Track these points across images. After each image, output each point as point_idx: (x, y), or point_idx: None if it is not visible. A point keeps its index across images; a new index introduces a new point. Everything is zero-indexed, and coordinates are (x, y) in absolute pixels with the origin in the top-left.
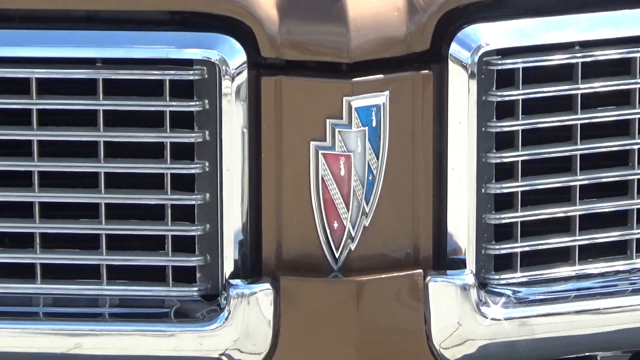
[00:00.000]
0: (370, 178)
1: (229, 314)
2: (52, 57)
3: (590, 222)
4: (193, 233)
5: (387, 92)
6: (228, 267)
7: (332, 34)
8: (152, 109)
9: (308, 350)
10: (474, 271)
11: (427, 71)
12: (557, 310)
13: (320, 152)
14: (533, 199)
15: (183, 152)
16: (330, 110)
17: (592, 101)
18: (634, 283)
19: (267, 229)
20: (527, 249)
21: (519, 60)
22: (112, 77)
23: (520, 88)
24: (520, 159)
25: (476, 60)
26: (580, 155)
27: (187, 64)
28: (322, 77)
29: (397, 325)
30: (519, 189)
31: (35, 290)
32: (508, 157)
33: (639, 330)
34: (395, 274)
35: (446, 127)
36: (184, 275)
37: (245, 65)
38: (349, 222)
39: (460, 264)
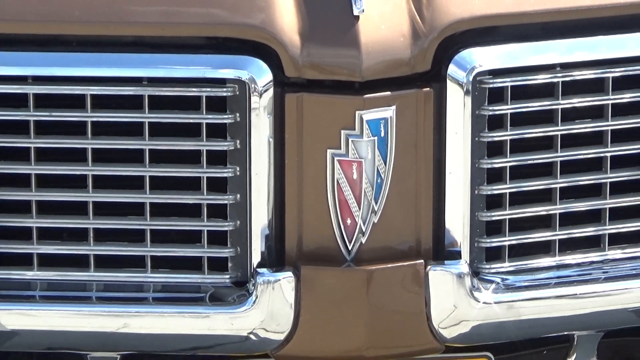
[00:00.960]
0: (378, 181)
1: (257, 298)
2: (104, 76)
3: (569, 219)
4: (226, 228)
5: (393, 107)
6: (256, 258)
7: (346, 57)
8: (191, 121)
9: (324, 329)
10: (468, 261)
11: (428, 89)
12: (539, 295)
13: (335, 158)
14: (519, 199)
15: (216, 158)
16: (344, 122)
17: (571, 115)
18: (606, 272)
19: (290, 225)
20: (514, 242)
21: (508, 79)
22: (156, 94)
23: (509, 103)
24: (508, 164)
25: (471, 79)
26: (560, 161)
27: (221, 82)
28: (337, 93)
29: (401, 308)
30: (507, 191)
31: (89, 278)
32: (498, 163)
33: (610, 312)
34: (400, 264)
35: (444, 137)
36: (218, 265)
37: (271, 83)
38: (360, 219)
39: (456, 255)
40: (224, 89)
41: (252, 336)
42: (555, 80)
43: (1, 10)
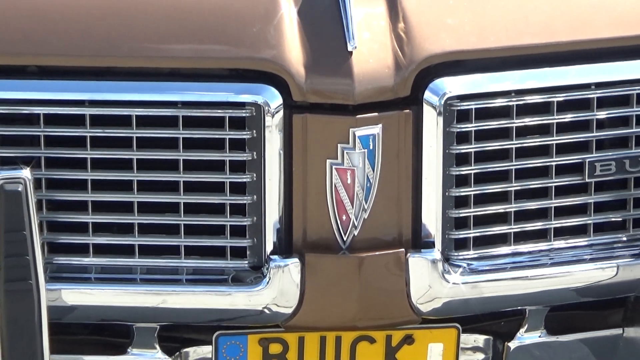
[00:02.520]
0: (368, 185)
1: (270, 279)
2: (146, 100)
3: (522, 215)
4: (245, 223)
5: (380, 125)
6: (269, 247)
7: (342, 85)
8: (217, 136)
9: (324, 304)
10: (440, 250)
11: (408, 110)
12: (498, 277)
13: (333, 167)
14: (482, 199)
15: (236, 167)
16: (340, 138)
17: (523, 131)
18: (552, 259)
19: (296, 220)
20: (477, 234)
21: (472, 103)
22: (188, 115)
23: (473, 122)
24: (472, 171)
25: (442, 103)
26: (515, 169)
27: (240, 105)
28: (335, 114)
29: (386, 288)
30: (472, 193)
31: (134, 263)
32: (464, 170)
33: (555, 291)
34: (385, 252)
35: (421, 149)
36: (238, 253)
37: (281, 106)
38: (353, 215)
39: (431, 245)
40: (244, 111)
41: (266, 310)
42: (510, 103)
43: (64, 46)
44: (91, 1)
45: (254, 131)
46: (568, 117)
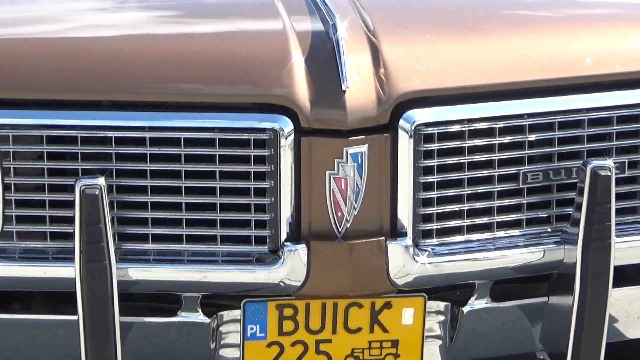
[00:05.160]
0: (357, 190)
1: (284, 260)
2: (191, 126)
3: (472, 212)
4: (265, 218)
5: (366, 145)
6: (283, 236)
7: (338, 115)
8: (244, 153)
9: (325, 280)
10: (411, 238)
11: (387, 134)
12: (454, 259)
13: (331, 176)
14: (443, 200)
15: (258, 176)
16: (337, 154)
17: (473, 150)
18: (495, 245)
19: (304, 216)
20: (439, 227)
21: (435, 128)
22: (223, 137)
23: (436, 143)
24: (435, 179)
25: (413, 128)
26: (467, 178)
27: (262, 130)
28: (332, 137)
29: (371, 266)
30: (435, 196)
31: (183, 249)
32: (429, 179)
33: (497, 269)
34: (370, 240)
35: (397, 163)
36: (260, 240)
37: (292, 131)
38: (346, 212)
39: (404, 234)
40: (264, 134)
41: (281, 283)
42: (463, 129)
43: (129, 86)
44: (150, 52)
45: (272, 149)
46: (507, 139)
